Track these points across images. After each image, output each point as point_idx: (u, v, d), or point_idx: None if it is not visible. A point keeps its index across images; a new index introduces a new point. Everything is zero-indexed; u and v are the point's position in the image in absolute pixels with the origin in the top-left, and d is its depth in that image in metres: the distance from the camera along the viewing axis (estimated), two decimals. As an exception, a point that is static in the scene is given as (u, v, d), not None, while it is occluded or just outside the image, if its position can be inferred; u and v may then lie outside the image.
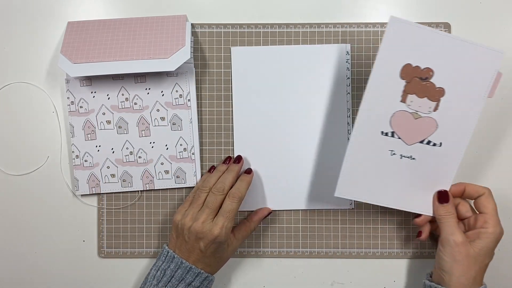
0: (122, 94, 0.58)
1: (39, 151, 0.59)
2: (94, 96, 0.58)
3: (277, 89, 0.58)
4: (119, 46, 0.55)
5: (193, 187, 0.58)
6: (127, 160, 0.58)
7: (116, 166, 0.58)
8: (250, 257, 0.59)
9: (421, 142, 0.52)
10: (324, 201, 0.59)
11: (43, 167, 0.59)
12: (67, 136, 0.59)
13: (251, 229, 0.57)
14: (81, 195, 0.59)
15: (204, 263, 0.52)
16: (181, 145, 0.58)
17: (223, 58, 0.59)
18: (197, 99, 0.59)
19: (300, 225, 0.59)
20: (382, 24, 0.59)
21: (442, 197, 0.53)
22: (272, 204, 0.59)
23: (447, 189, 0.53)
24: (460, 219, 0.54)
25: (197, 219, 0.52)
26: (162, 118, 0.58)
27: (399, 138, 0.51)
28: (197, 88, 0.59)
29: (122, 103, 0.58)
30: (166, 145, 0.58)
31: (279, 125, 0.59)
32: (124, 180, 0.58)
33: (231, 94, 0.59)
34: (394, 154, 0.52)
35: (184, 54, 0.54)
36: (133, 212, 0.59)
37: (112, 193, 0.59)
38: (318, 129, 0.58)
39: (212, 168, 0.57)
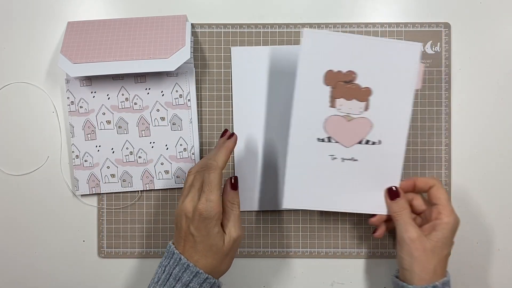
0: (122, 94, 0.58)
1: (39, 151, 0.59)
2: (94, 96, 0.58)
3: (277, 89, 0.58)
4: (119, 46, 0.55)
5: None
6: (127, 160, 0.58)
7: (116, 166, 0.58)
8: (250, 257, 0.59)
9: (360, 142, 0.52)
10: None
11: (43, 167, 0.59)
12: (67, 136, 0.59)
13: (233, 204, 0.50)
14: (81, 195, 0.59)
15: (198, 254, 0.47)
16: (181, 145, 0.58)
17: (223, 58, 0.59)
18: (197, 99, 0.59)
19: (300, 225, 0.59)
20: (382, 24, 0.59)
21: (392, 193, 0.52)
22: (272, 203, 0.59)
23: (397, 185, 0.53)
24: (417, 213, 0.54)
25: (184, 202, 0.48)
26: (162, 118, 0.58)
27: (337, 142, 0.52)
28: (197, 88, 0.59)
29: (122, 103, 0.58)
30: (166, 145, 0.58)
31: (279, 125, 0.59)
32: (124, 180, 0.58)
33: (231, 94, 0.59)
34: (335, 158, 0.52)
35: (184, 54, 0.54)
36: (133, 212, 0.59)
37: (112, 193, 0.59)
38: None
39: (231, 134, 0.53)
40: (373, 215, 0.53)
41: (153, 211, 0.59)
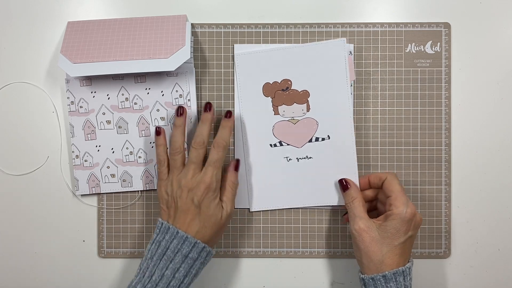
0: (122, 94, 0.58)
1: (39, 151, 0.59)
2: (94, 96, 0.58)
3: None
4: (119, 46, 0.55)
5: None
6: (127, 160, 0.58)
7: (116, 166, 0.58)
8: (250, 257, 0.59)
9: (310, 141, 0.57)
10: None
11: (43, 167, 0.59)
12: (67, 136, 0.59)
13: (231, 184, 0.54)
14: (81, 195, 0.59)
15: (200, 224, 0.50)
16: None
17: (223, 58, 0.59)
18: (197, 99, 0.59)
19: (300, 225, 0.59)
20: (382, 24, 0.59)
21: (342, 185, 0.55)
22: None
23: (354, 175, 0.56)
24: (369, 203, 0.56)
25: (185, 177, 0.52)
26: (162, 118, 0.58)
27: (288, 144, 0.58)
28: (197, 88, 0.59)
29: (122, 103, 0.58)
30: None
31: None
32: (124, 180, 0.58)
33: (233, 94, 0.59)
34: (290, 159, 0.58)
35: (184, 54, 0.54)
36: (133, 212, 0.59)
37: (112, 193, 0.59)
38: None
39: (158, 131, 0.56)
40: (347, 213, 0.55)
41: (153, 211, 0.59)
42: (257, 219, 0.59)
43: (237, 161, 0.56)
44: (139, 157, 0.58)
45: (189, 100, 0.58)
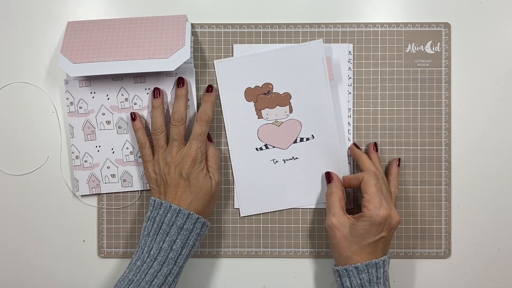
0: (122, 95, 0.58)
1: (39, 151, 0.59)
2: (93, 97, 0.58)
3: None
4: (119, 46, 0.55)
5: None
6: (127, 160, 0.58)
7: (116, 166, 0.58)
8: (250, 257, 0.59)
9: (295, 142, 0.58)
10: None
11: (43, 167, 0.59)
12: (66, 136, 0.59)
13: (212, 155, 0.55)
14: (81, 195, 0.59)
15: (192, 196, 0.52)
16: None
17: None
18: (197, 99, 0.59)
19: (300, 225, 0.59)
20: (382, 24, 0.59)
21: (326, 177, 0.56)
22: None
23: (343, 174, 0.57)
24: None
25: (170, 153, 0.53)
26: None
27: (274, 147, 0.58)
28: (197, 88, 0.59)
29: (122, 103, 0.58)
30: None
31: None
32: (124, 180, 0.58)
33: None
34: (277, 161, 0.58)
35: (184, 54, 0.54)
36: (133, 212, 0.59)
37: (112, 193, 0.59)
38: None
39: (134, 115, 0.56)
40: None
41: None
42: (257, 219, 0.59)
43: (208, 134, 0.56)
44: (139, 157, 0.58)
45: (188, 99, 0.58)
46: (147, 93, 0.58)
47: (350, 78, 0.58)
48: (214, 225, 0.59)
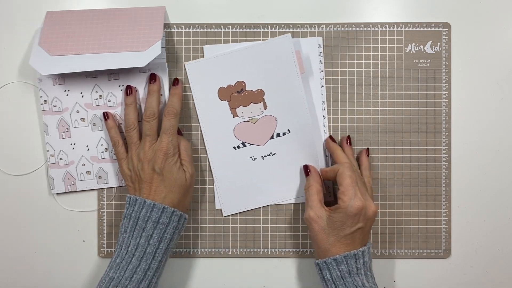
0: (96, 92, 0.58)
1: (40, 151, 0.59)
2: (67, 95, 0.58)
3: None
4: (97, 38, 0.55)
5: None
6: (102, 157, 0.58)
7: (91, 164, 0.58)
8: (250, 257, 0.59)
9: (272, 138, 0.58)
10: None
11: (43, 167, 0.59)
12: (41, 134, 0.59)
13: (183, 148, 0.55)
14: (57, 193, 0.59)
15: (166, 190, 0.52)
16: None
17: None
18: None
19: (300, 225, 0.59)
20: (382, 24, 0.59)
21: (304, 170, 0.57)
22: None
23: (319, 166, 0.57)
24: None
25: (143, 149, 0.53)
26: None
27: (251, 144, 0.58)
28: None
29: (96, 101, 0.58)
30: None
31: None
32: (100, 177, 0.58)
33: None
34: (255, 158, 0.58)
35: (154, 50, 0.54)
36: (133, 212, 0.59)
37: (111, 193, 0.59)
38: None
39: (106, 115, 0.56)
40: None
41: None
42: (257, 219, 0.59)
43: (179, 128, 0.57)
44: (114, 153, 0.58)
45: (161, 95, 0.57)
46: (121, 90, 0.58)
47: (322, 71, 0.58)
48: (214, 225, 0.59)
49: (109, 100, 0.58)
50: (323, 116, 0.59)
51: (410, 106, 0.59)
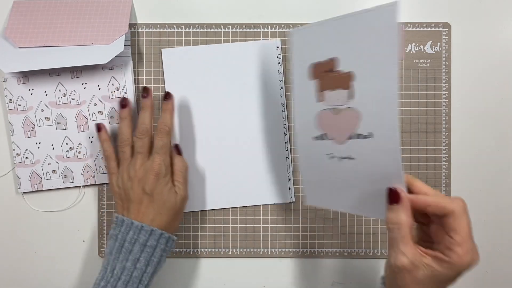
0: (60, 90, 0.58)
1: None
2: (32, 94, 0.58)
3: (211, 88, 0.58)
4: (63, 30, 0.55)
5: None
6: (67, 156, 0.58)
7: (57, 162, 0.58)
8: (250, 257, 0.59)
9: (351, 138, 0.45)
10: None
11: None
12: (7, 134, 0.58)
13: (179, 168, 0.53)
14: (24, 192, 0.59)
15: (155, 212, 0.50)
16: None
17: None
18: (136, 92, 0.58)
19: (300, 225, 0.59)
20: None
21: (391, 195, 0.41)
22: (213, 202, 0.59)
23: (401, 185, 0.41)
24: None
25: (134, 167, 0.51)
26: (100, 112, 0.58)
27: (331, 139, 0.46)
28: (136, 81, 0.58)
29: (60, 99, 0.58)
30: None
31: (216, 124, 0.58)
32: (65, 176, 0.58)
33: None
34: (332, 157, 0.47)
35: (118, 46, 0.54)
36: (133, 212, 0.59)
37: (111, 193, 0.59)
38: (256, 124, 0.58)
39: (99, 127, 0.55)
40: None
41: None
42: (257, 219, 0.59)
43: (176, 146, 0.55)
44: (79, 152, 0.58)
45: (125, 93, 0.58)
46: (84, 88, 0.57)
47: (280, 73, 0.58)
48: (214, 225, 0.59)
49: (73, 99, 0.58)
50: (283, 118, 0.58)
51: (410, 106, 0.59)
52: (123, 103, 0.55)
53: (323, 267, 0.59)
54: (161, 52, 0.58)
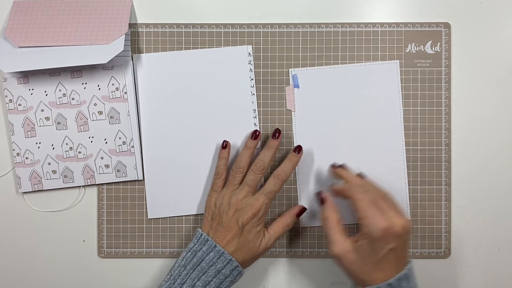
0: (60, 90, 0.58)
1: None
2: (32, 94, 0.58)
3: (184, 94, 0.58)
4: (62, 30, 0.55)
5: (135, 180, 0.58)
6: (67, 156, 0.58)
7: (57, 162, 0.58)
8: (250, 257, 0.59)
9: None
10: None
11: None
12: (7, 134, 0.58)
13: (285, 224, 0.55)
14: (24, 192, 0.58)
15: (238, 245, 0.51)
16: (120, 138, 0.58)
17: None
18: (136, 91, 0.58)
19: (300, 225, 0.59)
20: (382, 24, 0.59)
21: (318, 199, 0.53)
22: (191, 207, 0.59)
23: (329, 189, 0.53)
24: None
25: (237, 196, 0.52)
26: (100, 112, 0.58)
27: None
28: (136, 81, 0.58)
29: (60, 99, 0.58)
30: (105, 139, 0.58)
31: (188, 130, 0.58)
32: (65, 176, 0.58)
33: (137, 101, 0.58)
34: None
35: (118, 46, 0.54)
36: (133, 212, 0.59)
37: (111, 193, 0.59)
38: (227, 130, 0.58)
39: (225, 145, 0.56)
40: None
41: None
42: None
43: (303, 209, 0.56)
44: (79, 152, 0.58)
45: (125, 93, 0.58)
46: (84, 88, 0.57)
47: (252, 79, 0.58)
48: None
49: (73, 99, 0.58)
50: (254, 124, 0.58)
51: (410, 106, 0.59)
52: (253, 136, 0.56)
53: (323, 267, 0.59)
54: (132, 58, 0.58)
